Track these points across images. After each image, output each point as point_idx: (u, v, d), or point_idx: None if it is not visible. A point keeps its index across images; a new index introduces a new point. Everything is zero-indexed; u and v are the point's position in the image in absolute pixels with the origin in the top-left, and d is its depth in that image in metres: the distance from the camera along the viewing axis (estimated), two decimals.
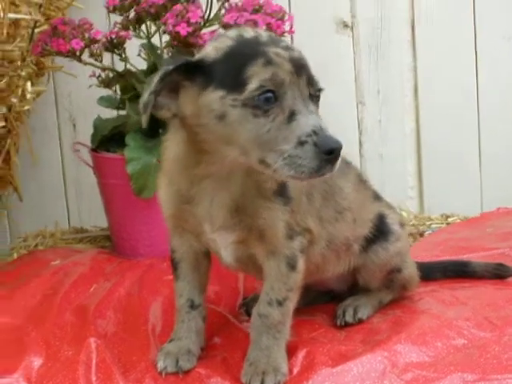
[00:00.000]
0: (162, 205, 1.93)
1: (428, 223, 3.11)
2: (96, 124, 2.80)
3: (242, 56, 1.66)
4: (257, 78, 1.63)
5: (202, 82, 1.68)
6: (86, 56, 2.69)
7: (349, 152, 3.20)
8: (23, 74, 2.81)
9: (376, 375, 1.83)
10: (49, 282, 2.46)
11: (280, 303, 1.89)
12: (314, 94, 1.68)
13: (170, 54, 2.65)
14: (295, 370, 1.87)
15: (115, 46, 2.70)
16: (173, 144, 1.85)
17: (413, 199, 3.43)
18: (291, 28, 2.61)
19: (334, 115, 3.35)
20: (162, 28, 2.61)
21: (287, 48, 1.69)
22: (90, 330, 2.09)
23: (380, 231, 2.15)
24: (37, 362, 1.97)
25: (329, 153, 1.60)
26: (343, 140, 3.10)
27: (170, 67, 1.69)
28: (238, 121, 1.65)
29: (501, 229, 2.88)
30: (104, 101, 2.83)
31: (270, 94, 1.63)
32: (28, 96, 2.86)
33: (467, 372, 1.82)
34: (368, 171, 3.38)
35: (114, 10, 2.66)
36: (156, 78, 1.70)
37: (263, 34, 1.73)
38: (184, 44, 2.47)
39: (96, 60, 2.65)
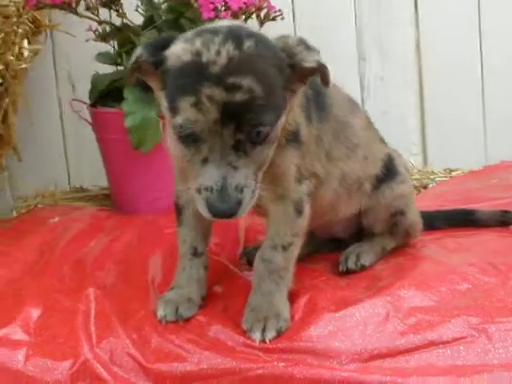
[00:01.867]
0: (169, 149, 1.90)
1: (432, 177, 3.08)
2: (94, 80, 2.76)
3: (182, 84, 1.60)
4: (183, 114, 1.58)
5: (163, 79, 1.66)
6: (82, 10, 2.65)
7: None
8: (20, 31, 2.77)
9: (379, 320, 1.81)
10: (47, 237, 2.45)
11: (285, 248, 1.86)
12: (245, 139, 1.59)
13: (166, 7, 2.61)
14: (297, 316, 1.84)
15: (112, 1, 2.66)
16: None
17: (416, 155, 3.38)
18: None
19: (335, 72, 3.30)
20: None
21: (230, 88, 1.56)
22: (88, 281, 2.08)
23: (389, 171, 2.14)
24: (35, 313, 1.94)
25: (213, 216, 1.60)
26: None
27: (143, 58, 1.68)
28: (172, 137, 1.67)
29: (505, 181, 2.85)
30: (102, 57, 2.79)
31: (190, 134, 1.59)
32: (25, 54, 2.82)
33: (472, 315, 1.79)
34: None
35: None
36: (131, 60, 1.71)
37: (223, 55, 1.59)
38: None
39: (92, 14, 2.61)
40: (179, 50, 1.64)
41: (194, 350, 1.77)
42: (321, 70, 1.69)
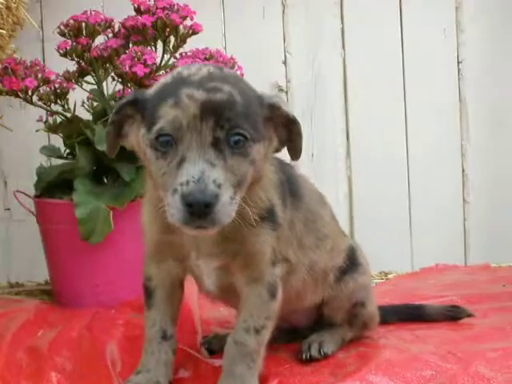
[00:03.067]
0: (145, 229, 1.90)
1: None
2: (39, 172, 2.73)
3: (162, 95, 1.65)
4: (162, 119, 1.61)
5: (142, 117, 1.71)
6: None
7: None
8: None
9: None
10: None
11: (257, 331, 1.85)
12: (224, 139, 1.61)
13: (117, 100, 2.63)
14: None
15: (58, 96, 2.66)
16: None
17: None
18: None
19: None
20: (112, 74, 2.62)
21: (211, 89, 1.61)
22: (48, 366, 2.02)
23: (351, 262, 2.17)
24: None
25: (189, 206, 1.55)
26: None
27: (124, 100, 1.74)
28: (149, 160, 1.67)
29: (442, 281, 2.93)
30: (47, 150, 2.79)
31: (167, 138, 1.61)
32: None
33: None
34: None
35: (66, 54, 2.62)
36: (114, 110, 1.75)
37: (204, 71, 1.67)
38: (139, 86, 2.46)
39: (45, 104, 2.61)
40: (159, 81, 1.73)
41: None
42: (295, 125, 1.76)
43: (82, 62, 2.66)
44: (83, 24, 2.61)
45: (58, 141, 2.89)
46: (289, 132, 1.77)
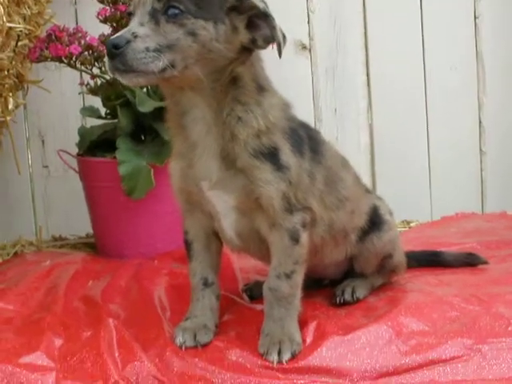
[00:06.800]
0: (172, 182, 2.09)
1: None
2: (82, 132, 2.91)
3: None
4: None
5: None
6: None
7: None
8: (6, 85, 2.89)
9: (383, 342, 1.98)
10: (47, 277, 2.56)
11: (288, 276, 2.00)
12: (161, 10, 1.82)
13: None
14: (308, 340, 2.00)
15: (96, 58, 2.81)
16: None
17: None
18: None
19: None
20: None
21: None
22: (105, 312, 2.19)
23: (374, 222, 2.28)
24: (57, 341, 2.05)
25: (107, 49, 1.79)
26: None
27: None
28: None
29: (463, 229, 3.08)
30: (87, 111, 2.94)
31: (130, 13, 1.88)
32: (10, 106, 2.94)
33: (466, 337, 1.98)
34: None
35: (106, 20, 2.76)
36: None
37: None
38: None
39: (87, 68, 2.76)
40: None
41: (218, 371, 1.90)
42: (267, 17, 1.89)
43: (119, 26, 2.78)
44: None
45: (92, 102, 3.07)
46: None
